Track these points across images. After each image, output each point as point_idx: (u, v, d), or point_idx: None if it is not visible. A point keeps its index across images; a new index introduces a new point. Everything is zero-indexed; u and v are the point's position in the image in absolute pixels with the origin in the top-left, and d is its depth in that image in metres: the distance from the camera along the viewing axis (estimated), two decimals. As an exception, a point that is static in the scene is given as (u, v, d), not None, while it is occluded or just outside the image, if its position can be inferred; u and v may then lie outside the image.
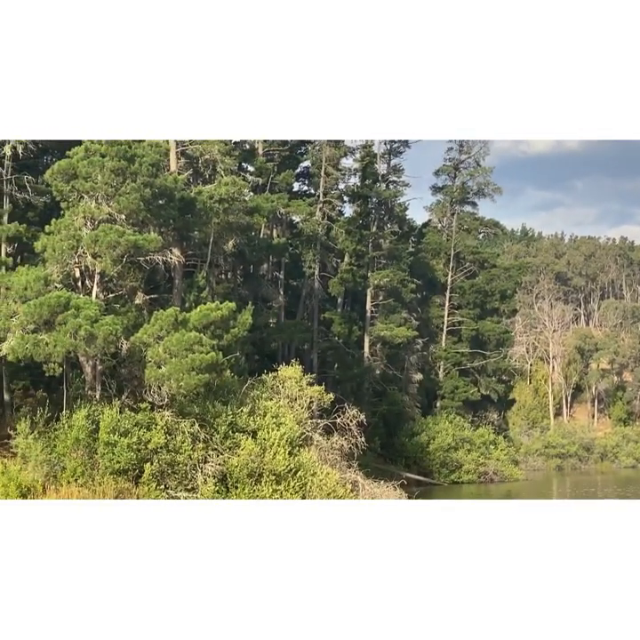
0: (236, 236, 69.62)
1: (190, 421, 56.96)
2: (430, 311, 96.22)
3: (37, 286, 55.27)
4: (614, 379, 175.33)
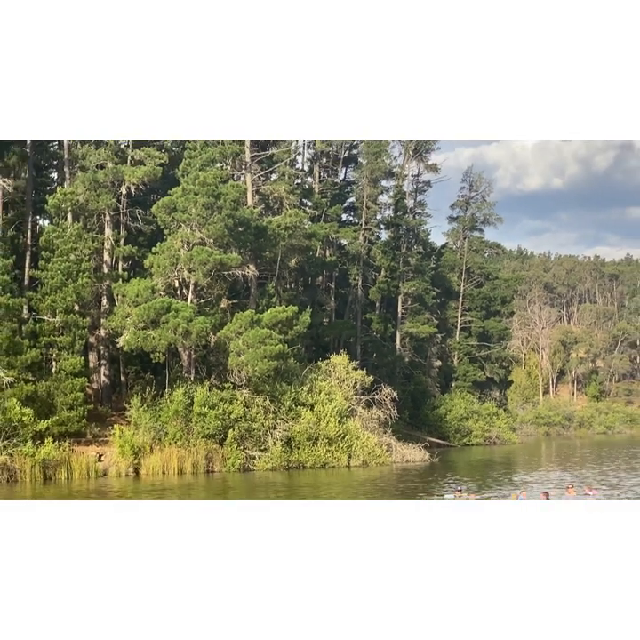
0: (297, 255, 69.50)
1: (263, 397, 56.89)
2: (447, 313, 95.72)
3: (146, 294, 55.37)
4: (589, 365, 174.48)
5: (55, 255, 55.36)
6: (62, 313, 54.46)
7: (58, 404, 52.86)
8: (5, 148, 59.29)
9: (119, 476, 51.47)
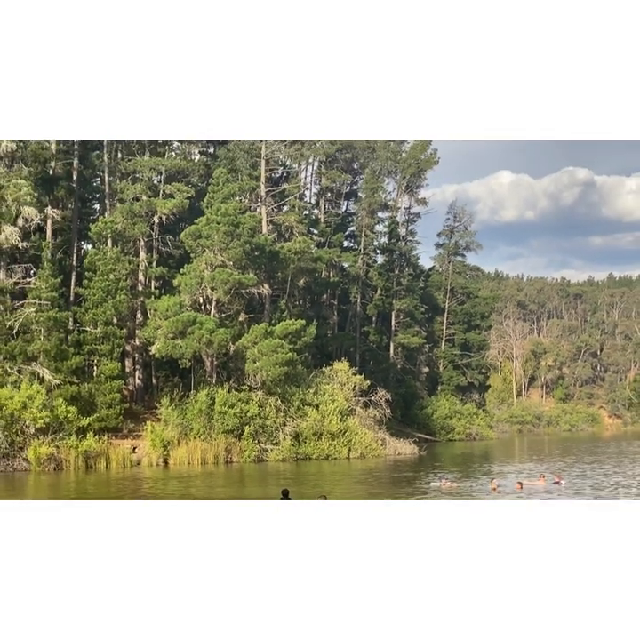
0: (305, 276, 69.47)
1: (275, 398, 56.83)
2: (434, 326, 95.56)
3: (175, 309, 55.40)
4: (556, 372, 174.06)
5: (97, 275, 55.45)
6: (102, 325, 54.53)
7: (98, 403, 52.89)
8: (55, 182, 59.47)
9: (150, 466, 51.43)
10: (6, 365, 50.45)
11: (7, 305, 51.83)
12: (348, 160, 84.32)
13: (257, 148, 67.88)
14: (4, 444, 47.80)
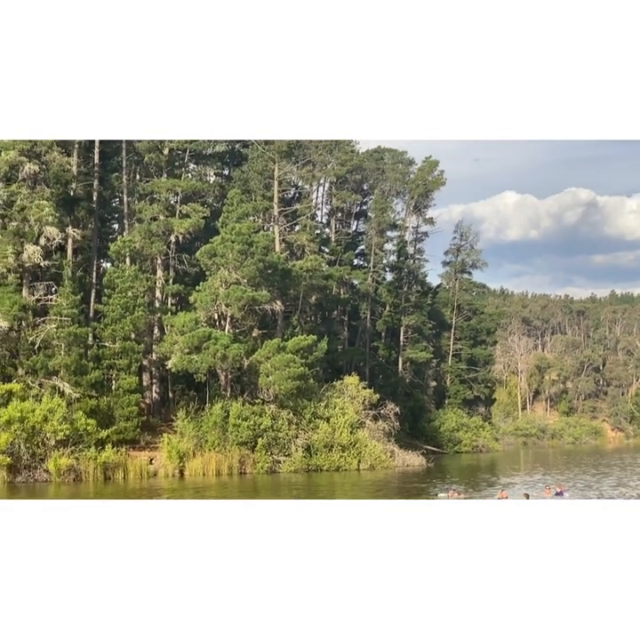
0: (317, 293, 69.54)
1: (287, 411, 56.79)
2: (441, 341, 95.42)
3: (191, 325, 55.49)
4: (560, 386, 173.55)
5: (115, 292, 55.60)
6: (121, 340, 54.64)
7: (116, 416, 52.93)
8: (76, 203, 59.70)
9: (167, 477, 51.39)
10: (28, 379, 50.62)
11: (29, 321, 52.03)
12: (357, 181, 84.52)
13: (270, 169, 68.09)
14: (26, 455, 47.86)
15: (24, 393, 49.07)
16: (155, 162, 63.71)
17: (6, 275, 52.17)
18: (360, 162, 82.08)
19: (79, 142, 60.38)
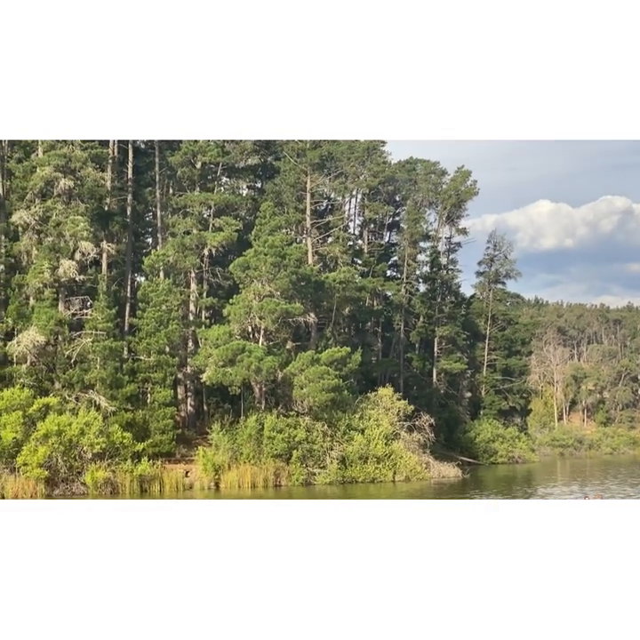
0: (350, 305, 69.50)
1: (322, 423, 56.79)
2: (475, 352, 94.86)
3: (225, 337, 55.68)
4: (597, 396, 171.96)
5: (150, 306, 55.99)
6: (156, 353, 54.97)
7: (152, 429, 53.22)
8: (110, 218, 60.29)
9: (202, 490, 51.55)
10: (65, 393, 51.07)
11: (65, 335, 52.51)
12: (390, 192, 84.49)
13: (302, 181, 68.34)
14: (63, 468, 48.26)
15: (61, 407, 49.50)
16: (187, 176, 64.16)
17: (42, 290, 52.72)
18: (392, 173, 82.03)
19: (112, 157, 61.01)
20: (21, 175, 56.19)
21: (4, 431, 47.04)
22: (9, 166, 57.64)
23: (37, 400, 48.87)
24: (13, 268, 55.42)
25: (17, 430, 47.06)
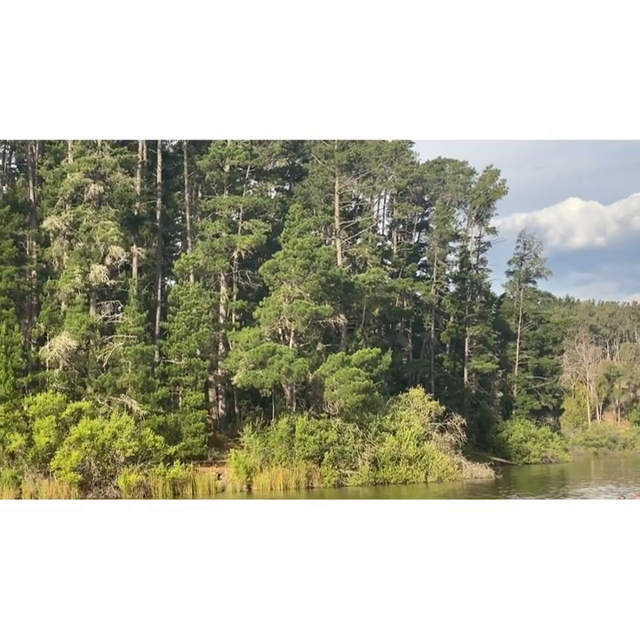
0: (380, 305, 69.36)
1: (353, 424, 56.66)
2: (507, 352, 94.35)
3: (255, 340, 55.71)
4: (631, 394, 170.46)
5: (180, 309, 56.15)
6: (186, 357, 55.13)
7: (184, 432, 53.36)
8: (140, 222, 60.56)
9: (235, 492, 51.61)
10: (97, 397, 51.32)
11: (97, 340, 52.76)
12: (418, 192, 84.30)
13: (330, 183, 68.28)
14: (96, 472, 48.48)
15: (93, 411, 49.74)
16: (216, 179, 64.28)
17: (74, 295, 53.02)
18: (420, 173, 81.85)
19: (141, 162, 61.26)
20: (52, 181, 56.57)
21: (38, 436, 47.36)
22: (39, 173, 58.07)
23: (70, 404, 49.15)
24: (45, 274, 55.83)
25: (50, 435, 47.36)
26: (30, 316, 56.25)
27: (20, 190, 58.91)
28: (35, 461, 47.37)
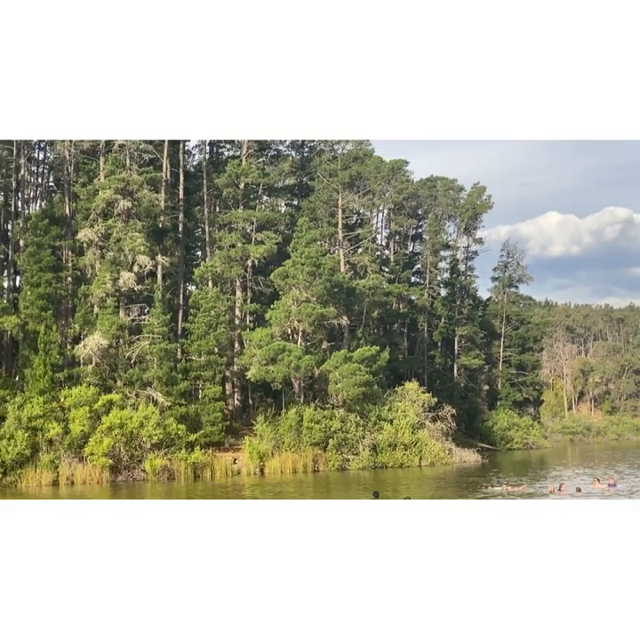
0: (378, 308, 69.37)
1: (354, 414, 56.67)
2: (492, 349, 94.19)
3: (267, 339, 55.78)
4: (603, 387, 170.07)
5: (200, 312, 56.21)
6: (206, 354, 55.17)
7: (203, 422, 53.41)
8: (164, 234, 60.63)
9: (249, 475, 51.64)
10: (126, 390, 51.42)
11: (126, 339, 52.88)
12: (413, 207, 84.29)
13: (334, 199, 68.35)
14: (125, 457, 48.60)
15: (122, 402, 49.85)
16: (232, 195, 64.37)
17: (105, 299, 53.14)
18: (415, 190, 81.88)
19: (165, 180, 61.35)
20: (85, 197, 56.70)
21: (73, 424, 47.49)
22: (74, 190, 58.21)
23: (102, 397, 49.29)
24: (79, 280, 55.96)
25: (84, 424, 47.49)
26: (66, 318, 56.38)
27: (57, 206, 59.02)
28: (70, 447, 47.50)
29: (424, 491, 39.13)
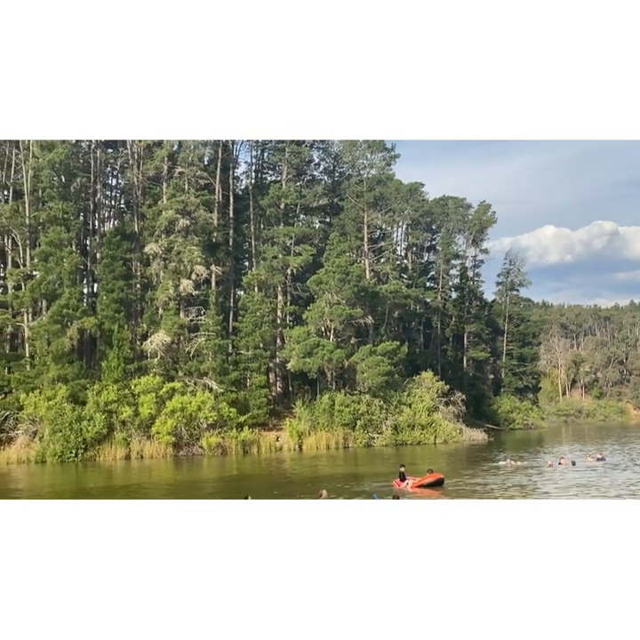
0: (398, 309, 69.17)
1: (378, 399, 56.54)
2: (497, 344, 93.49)
3: (304, 336, 55.83)
4: (592, 376, 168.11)
5: (247, 313, 56.42)
6: (253, 349, 55.37)
7: (251, 406, 53.62)
8: (217, 247, 60.90)
9: (290, 451, 51.74)
10: (186, 379, 51.77)
11: (185, 336, 53.24)
12: (428, 222, 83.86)
13: (361, 216, 68.27)
14: (185, 435, 48.94)
15: (183, 389, 50.22)
16: (274, 214, 64.52)
17: (168, 302, 53.56)
18: (429, 208, 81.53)
19: (218, 202, 61.63)
20: (151, 217, 57.15)
21: (142, 408, 47.92)
22: (142, 211, 58.69)
23: (166, 385, 49.68)
24: (146, 287, 56.43)
25: (151, 407, 47.92)
26: (136, 319, 56.90)
27: (127, 224, 59.59)
28: (140, 427, 47.96)
29: (440, 464, 38.92)
